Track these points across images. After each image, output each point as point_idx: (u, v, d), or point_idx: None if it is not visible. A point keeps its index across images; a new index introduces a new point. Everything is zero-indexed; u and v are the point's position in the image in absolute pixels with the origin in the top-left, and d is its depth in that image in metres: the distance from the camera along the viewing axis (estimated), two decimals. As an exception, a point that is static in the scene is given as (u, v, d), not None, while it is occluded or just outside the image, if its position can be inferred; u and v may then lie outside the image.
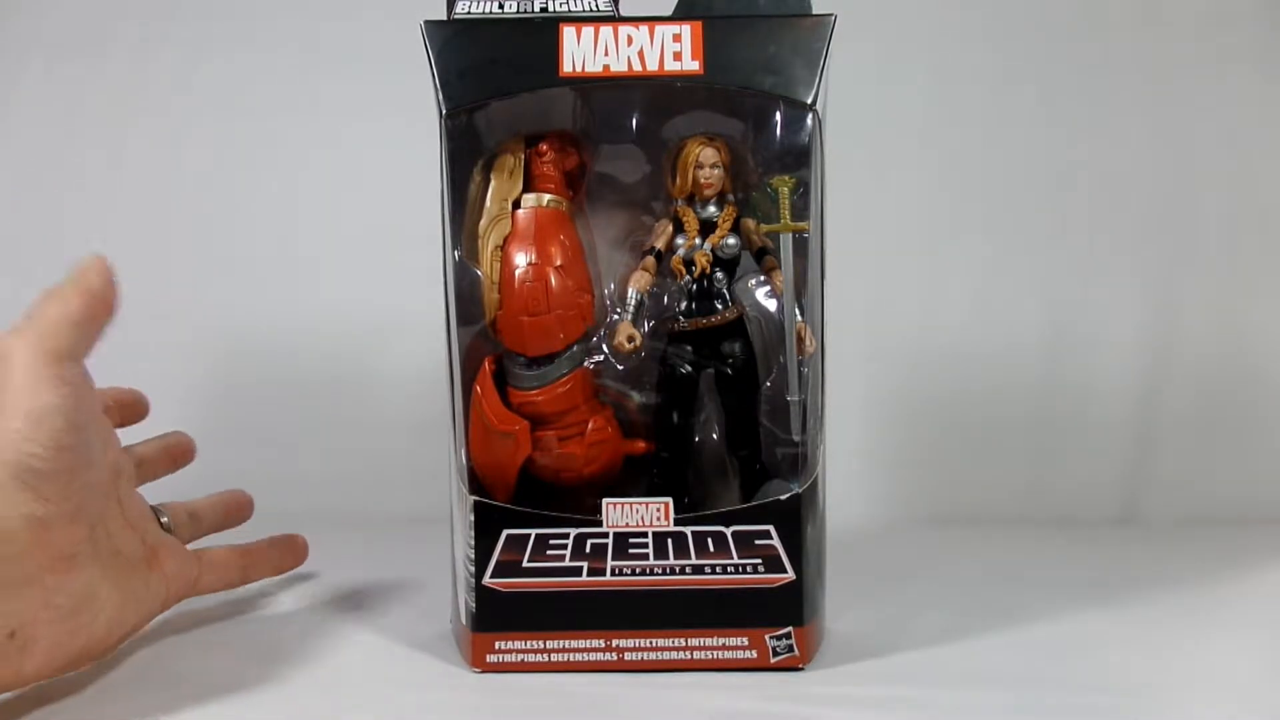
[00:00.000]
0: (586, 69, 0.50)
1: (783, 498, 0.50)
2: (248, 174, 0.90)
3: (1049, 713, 0.45)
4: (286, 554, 0.62)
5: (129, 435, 0.58)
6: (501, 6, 0.51)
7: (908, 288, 0.88)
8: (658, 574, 0.49)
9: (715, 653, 0.49)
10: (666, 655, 0.49)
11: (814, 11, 0.51)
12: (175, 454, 0.60)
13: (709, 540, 0.49)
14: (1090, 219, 0.88)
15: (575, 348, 0.52)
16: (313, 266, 0.89)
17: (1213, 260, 0.87)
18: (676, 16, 0.51)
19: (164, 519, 0.54)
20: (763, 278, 0.53)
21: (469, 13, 0.51)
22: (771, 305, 0.53)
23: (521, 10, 0.51)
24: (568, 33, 0.50)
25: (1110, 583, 0.65)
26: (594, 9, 0.51)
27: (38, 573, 0.42)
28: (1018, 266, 0.88)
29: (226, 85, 0.90)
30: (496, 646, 0.49)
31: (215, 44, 0.90)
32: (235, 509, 0.62)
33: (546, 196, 0.53)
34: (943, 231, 0.88)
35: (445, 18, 0.51)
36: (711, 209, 0.53)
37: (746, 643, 0.49)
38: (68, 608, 0.44)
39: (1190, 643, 0.55)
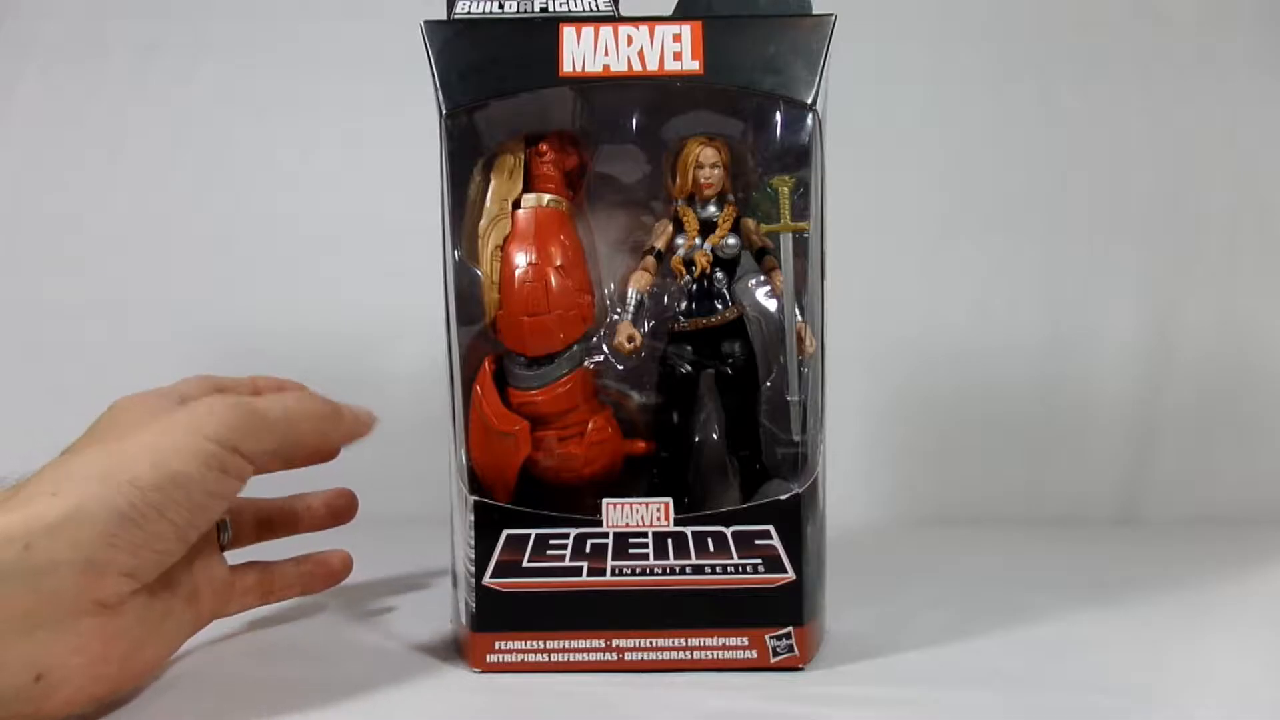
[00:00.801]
0: (586, 69, 0.50)
1: (783, 498, 0.50)
2: (247, 174, 0.90)
3: (1049, 713, 0.45)
4: (316, 576, 0.57)
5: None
6: (501, 6, 0.51)
7: (908, 287, 0.88)
8: (658, 574, 0.49)
9: (715, 653, 0.49)
10: (666, 655, 0.49)
11: (814, 12, 0.51)
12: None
13: (709, 540, 0.49)
14: (1090, 219, 0.88)
15: (575, 348, 0.52)
16: (312, 267, 0.89)
17: (1213, 260, 0.88)
18: (676, 16, 0.51)
19: (225, 535, 0.52)
20: (763, 278, 0.53)
21: (469, 13, 0.51)
22: (771, 305, 0.53)
23: (521, 10, 0.51)
24: (568, 33, 0.50)
25: (1110, 583, 0.65)
26: (594, 9, 0.51)
27: (74, 616, 0.40)
28: (1018, 266, 0.88)
29: (226, 85, 0.90)
30: (496, 646, 0.49)
31: (215, 44, 0.90)
32: (324, 514, 0.58)
33: (546, 196, 0.53)
34: (943, 231, 0.88)
35: (445, 18, 0.51)
36: (711, 209, 0.53)
37: (746, 643, 0.49)
38: (99, 653, 0.41)
39: (1190, 643, 0.55)
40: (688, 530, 0.49)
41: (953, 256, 0.88)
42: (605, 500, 0.49)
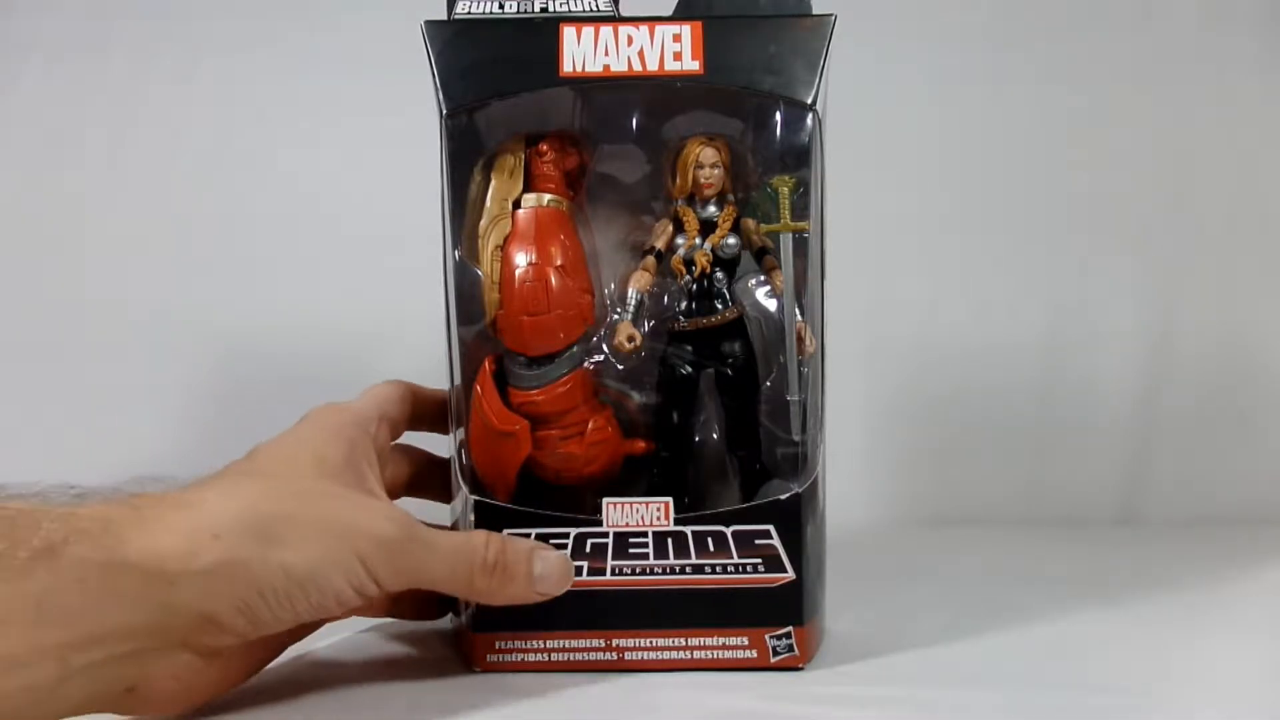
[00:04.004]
0: (587, 69, 0.50)
1: (783, 497, 0.50)
2: (248, 174, 0.90)
3: (1049, 712, 0.45)
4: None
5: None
6: (502, 6, 0.52)
7: (908, 287, 0.88)
8: (658, 574, 0.49)
9: (715, 652, 0.50)
10: (666, 655, 0.50)
11: (814, 12, 0.52)
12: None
13: (709, 540, 0.50)
14: (1090, 218, 0.88)
15: (575, 348, 0.53)
16: (313, 267, 0.89)
17: (1213, 260, 0.88)
18: (677, 16, 0.51)
19: None
20: (763, 277, 0.54)
21: (469, 12, 0.52)
22: (771, 305, 0.53)
23: (521, 10, 0.52)
24: (568, 33, 0.50)
25: (1110, 583, 0.65)
26: (594, 9, 0.52)
27: (179, 650, 0.41)
28: (1018, 266, 0.89)
29: (227, 85, 0.90)
30: (497, 646, 0.50)
31: (215, 44, 0.90)
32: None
33: (547, 196, 0.53)
34: (943, 231, 0.89)
35: (445, 18, 0.52)
36: (711, 209, 0.53)
37: (746, 642, 0.50)
38: (190, 683, 0.42)
39: (1190, 643, 0.55)
40: (688, 530, 0.50)
41: (953, 256, 0.89)
42: (605, 500, 0.50)
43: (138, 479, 0.44)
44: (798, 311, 0.52)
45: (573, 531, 0.49)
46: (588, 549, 0.49)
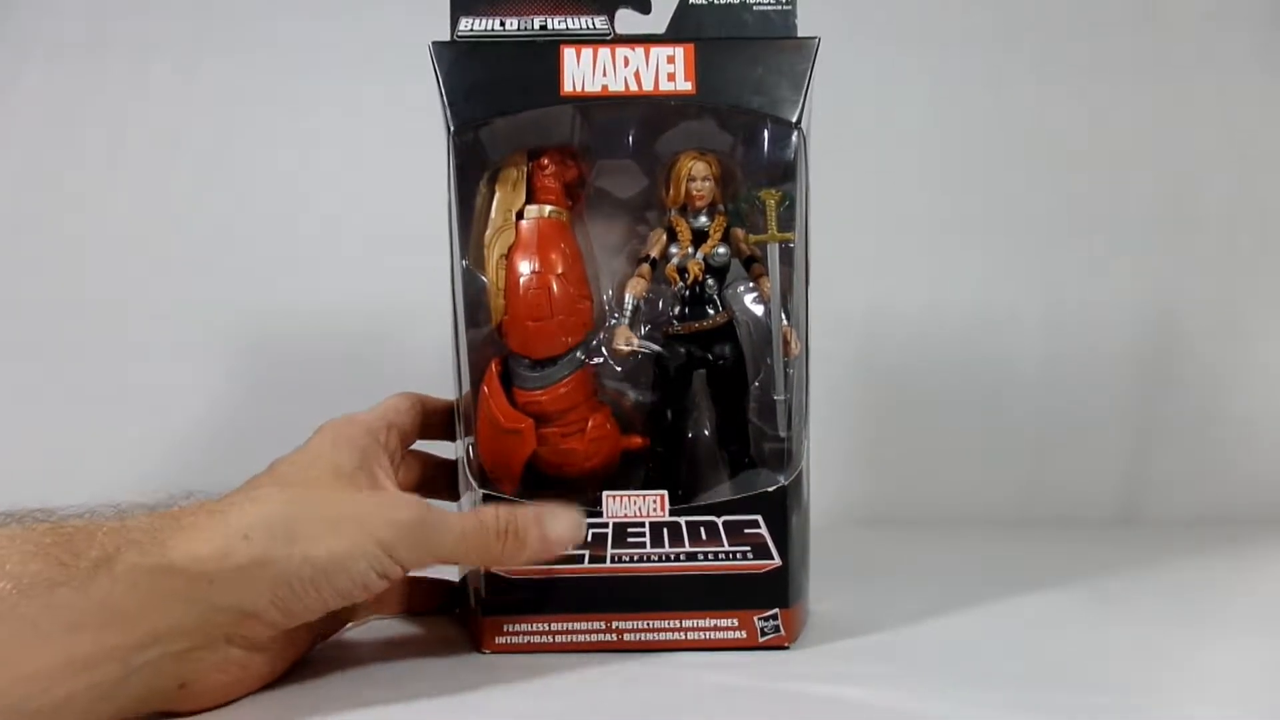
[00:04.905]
0: (586, 89, 0.55)
1: (769, 489, 0.55)
2: (248, 174, 0.94)
3: (1047, 712, 0.46)
4: (418, 594, 0.62)
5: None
6: (503, 25, 0.57)
7: (906, 288, 0.92)
8: (654, 561, 0.54)
9: (707, 633, 0.55)
10: (662, 636, 0.55)
11: (799, 33, 0.57)
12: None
13: (701, 529, 0.55)
14: (1090, 219, 0.92)
15: (576, 350, 0.57)
16: (313, 267, 0.92)
17: (1213, 260, 0.92)
18: (669, 36, 0.57)
19: None
20: (751, 284, 0.58)
21: (472, 30, 0.56)
22: (759, 310, 0.58)
23: (522, 29, 0.57)
24: (568, 54, 0.55)
25: (1108, 582, 0.69)
26: (590, 28, 0.57)
27: (225, 645, 0.46)
28: (1016, 265, 0.92)
29: (227, 85, 0.94)
30: (505, 629, 0.55)
31: (215, 43, 0.94)
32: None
33: (549, 208, 0.57)
34: (941, 231, 0.92)
35: (449, 36, 0.56)
36: (703, 219, 0.58)
37: (736, 624, 0.55)
38: (238, 676, 0.47)
39: (1190, 643, 0.57)
40: (682, 520, 0.55)
41: (952, 256, 0.92)
42: (605, 492, 0.55)
43: (175, 494, 0.50)
44: (783, 316, 0.57)
45: (575, 522, 0.54)
46: (589, 538, 0.54)
